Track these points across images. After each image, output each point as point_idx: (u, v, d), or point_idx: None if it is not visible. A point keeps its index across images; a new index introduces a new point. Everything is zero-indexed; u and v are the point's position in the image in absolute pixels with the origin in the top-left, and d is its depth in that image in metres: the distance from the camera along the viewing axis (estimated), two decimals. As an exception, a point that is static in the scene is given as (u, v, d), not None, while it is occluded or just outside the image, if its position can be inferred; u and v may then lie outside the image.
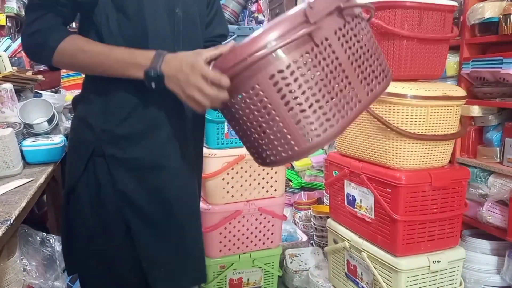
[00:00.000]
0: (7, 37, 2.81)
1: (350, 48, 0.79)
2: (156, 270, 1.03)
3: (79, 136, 1.02)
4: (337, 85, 0.77)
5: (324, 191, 2.67)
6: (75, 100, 1.06)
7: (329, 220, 1.95)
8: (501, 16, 1.63)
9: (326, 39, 0.76)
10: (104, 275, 1.03)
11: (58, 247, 1.53)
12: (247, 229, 1.96)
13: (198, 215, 1.14)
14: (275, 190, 1.98)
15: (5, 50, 2.51)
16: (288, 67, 0.74)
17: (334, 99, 0.77)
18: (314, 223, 2.48)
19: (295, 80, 0.74)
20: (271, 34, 0.73)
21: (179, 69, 0.82)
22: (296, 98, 0.75)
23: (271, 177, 1.96)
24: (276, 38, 0.73)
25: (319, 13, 0.74)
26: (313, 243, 2.50)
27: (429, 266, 1.57)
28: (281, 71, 0.74)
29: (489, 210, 1.73)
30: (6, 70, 1.96)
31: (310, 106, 0.75)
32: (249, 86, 0.76)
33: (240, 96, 0.78)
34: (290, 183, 2.95)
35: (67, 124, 2.03)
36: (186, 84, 0.81)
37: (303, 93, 0.75)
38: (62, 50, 0.89)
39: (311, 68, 0.75)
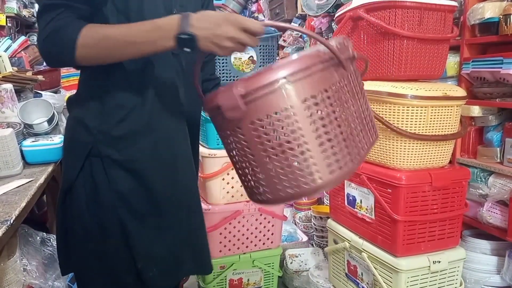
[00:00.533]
0: (7, 37, 2.82)
1: (359, 98, 0.80)
2: (151, 270, 1.03)
3: (75, 137, 1.01)
4: (348, 130, 0.74)
5: (324, 191, 2.67)
6: (71, 100, 1.05)
7: (329, 220, 1.95)
8: (501, 16, 1.63)
9: (345, 81, 0.76)
10: (100, 274, 1.02)
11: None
12: (247, 229, 1.96)
13: (199, 212, 1.15)
14: (275, 190, 1.98)
15: (5, 50, 2.51)
16: (307, 100, 0.71)
17: (343, 143, 0.74)
18: (314, 224, 2.48)
19: (312, 115, 0.71)
20: (301, 63, 0.71)
21: (214, 24, 0.79)
22: (316, 131, 0.71)
23: (271, 177, 1.96)
24: (300, 68, 0.71)
25: (344, 54, 0.75)
26: (313, 244, 2.50)
27: (429, 266, 1.57)
28: (305, 100, 0.71)
29: (489, 210, 1.73)
30: (6, 70, 1.96)
31: (321, 144, 0.72)
32: (266, 113, 0.71)
33: (254, 123, 0.73)
34: (290, 183, 2.94)
35: (67, 124, 2.03)
36: (227, 37, 0.79)
37: (317, 129, 0.71)
38: (83, 43, 0.84)
39: (330, 104, 0.73)
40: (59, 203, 1.03)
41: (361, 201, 1.70)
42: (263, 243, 2.02)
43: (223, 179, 1.88)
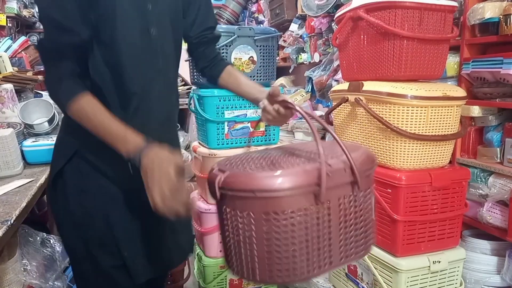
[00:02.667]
0: (7, 38, 2.82)
1: (345, 216, 0.82)
2: (136, 259, 1.07)
3: (64, 138, 1.08)
4: (318, 243, 0.80)
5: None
6: None
7: (329, 220, 1.95)
8: (501, 17, 1.63)
9: (328, 202, 0.80)
10: (87, 259, 1.06)
11: (58, 247, 1.53)
12: (247, 230, 1.95)
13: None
14: (275, 190, 1.98)
15: (6, 51, 2.51)
16: (285, 212, 0.77)
17: (309, 254, 0.80)
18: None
19: (285, 226, 0.78)
20: (284, 180, 0.77)
21: (152, 162, 0.88)
22: (277, 240, 0.78)
23: (271, 177, 1.96)
24: (288, 187, 0.77)
25: (333, 181, 0.78)
26: (313, 244, 2.50)
27: (429, 267, 1.57)
28: (276, 213, 0.77)
29: (489, 211, 1.73)
30: (6, 71, 1.96)
31: (285, 251, 0.79)
32: (242, 209, 0.79)
33: (228, 210, 0.81)
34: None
35: (67, 124, 2.03)
36: (152, 178, 0.87)
37: (286, 239, 0.79)
38: (72, 111, 0.95)
39: (302, 222, 0.78)
40: (49, 192, 1.10)
41: (361, 201, 1.70)
42: (263, 243, 2.01)
43: (223, 179, 1.88)
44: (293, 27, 3.37)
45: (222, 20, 4.25)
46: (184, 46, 1.19)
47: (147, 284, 1.12)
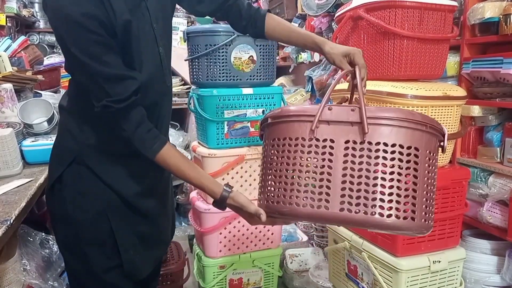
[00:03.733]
0: (7, 37, 2.81)
1: (352, 162, 0.82)
2: (134, 258, 1.10)
3: (62, 143, 1.08)
4: (314, 178, 0.84)
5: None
6: (61, 107, 1.10)
7: (329, 220, 1.95)
8: (501, 16, 1.63)
9: (331, 141, 0.84)
10: (82, 260, 1.07)
11: (57, 247, 1.53)
12: (247, 229, 1.96)
13: (171, 206, 1.29)
14: (275, 190, 1.98)
15: (5, 50, 2.50)
16: (282, 139, 0.88)
17: (302, 185, 0.85)
18: (314, 223, 2.48)
19: (283, 151, 0.87)
20: (288, 109, 0.89)
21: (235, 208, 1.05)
22: (276, 164, 0.90)
23: (271, 177, 1.96)
24: (287, 114, 0.88)
25: (335, 116, 0.85)
26: (313, 243, 2.50)
27: (429, 266, 1.56)
28: (277, 139, 0.89)
29: (489, 210, 1.73)
30: (6, 70, 1.96)
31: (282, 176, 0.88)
32: (264, 138, 0.94)
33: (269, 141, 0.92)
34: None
35: (67, 124, 2.03)
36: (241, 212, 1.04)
37: (281, 164, 0.88)
38: (157, 161, 1.01)
39: (298, 151, 0.86)
40: (48, 194, 1.10)
41: (361, 201, 1.69)
42: (263, 243, 2.02)
43: (223, 178, 1.88)
44: (293, 26, 3.37)
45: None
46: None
47: (142, 283, 1.14)
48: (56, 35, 0.92)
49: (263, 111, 1.93)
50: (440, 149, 0.86)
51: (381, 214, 0.78)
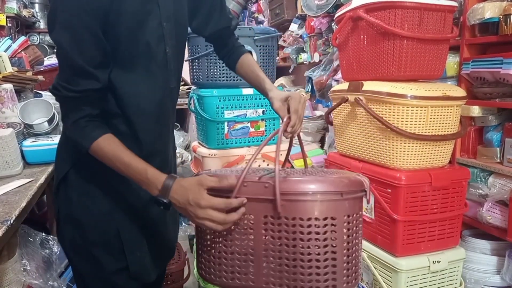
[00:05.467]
0: (7, 38, 2.81)
1: (272, 237, 0.83)
2: (140, 260, 1.08)
3: (66, 145, 1.07)
4: (239, 254, 0.86)
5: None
6: None
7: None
8: (501, 16, 1.63)
9: (250, 215, 0.85)
10: (89, 261, 1.06)
11: (57, 248, 1.53)
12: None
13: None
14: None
15: (5, 51, 2.51)
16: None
17: (229, 261, 0.89)
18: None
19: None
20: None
21: (186, 203, 0.88)
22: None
23: (271, 177, 1.96)
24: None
25: (250, 192, 0.84)
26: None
27: (429, 266, 1.57)
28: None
29: (489, 210, 1.73)
30: (6, 70, 1.96)
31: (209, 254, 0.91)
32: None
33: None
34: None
35: (67, 124, 2.03)
36: (197, 217, 0.87)
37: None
38: (93, 152, 0.95)
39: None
40: (55, 193, 1.09)
41: (361, 201, 1.69)
42: (263, 243, 2.01)
43: (223, 179, 1.88)
44: (293, 27, 3.37)
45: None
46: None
47: (149, 286, 1.13)
48: (51, 9, 0.91)
49: (263, 111, 1.94)
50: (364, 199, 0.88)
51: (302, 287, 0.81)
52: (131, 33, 0.94)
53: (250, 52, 1.26)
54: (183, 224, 3.28)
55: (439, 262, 1.58)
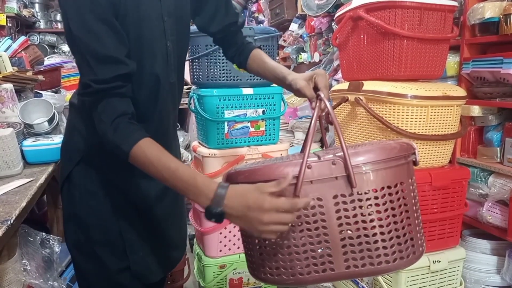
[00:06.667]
0: (7, 37, 2.81)
1: (346, 217, 0.77)
2: (143, 260, 1.08)
3: (70, 142, 1.07)
4: (311, 243, 0.78)
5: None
6: (71, 103, 1.09)
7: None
8: (501, 16, 1.63)
9: (320, 199, 0.77)
10: (94, 260, 1.06)
11: (57, 247, 1.53)
12: (247, 229, 1.95)
13: (181, 199, 1.23)
14: (275, 190, 1.98)
15: (6, 50, 2.50)
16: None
17: (300, 254, 0.79)
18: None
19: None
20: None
21: (245, 209, 0.77)
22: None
23: (271, 177, 1.96)
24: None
25: (316, 174, 0.77)
26: (313, 243, 2.50)
27: (429, 266, 1.57)
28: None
29: (489, 210, 1.73)
30: (6, 70, 1.95)
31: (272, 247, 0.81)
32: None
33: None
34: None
35: (67, 124, 2.03)
36: (261, 222, 0.77)
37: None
38: (134, 158, 0.87)
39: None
40: (61, 193, 1.10)
41: (361, 201, 1.70)
42: (263, 243, 2.01)
43: (223, 179, 1.88)
44: (293, 26, 3.37)
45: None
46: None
47: (149, 286, 1.13)
48: (60, 4, 0.89)
49: (263, 111, 1.93)
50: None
51: (387, 262, 0.76)
52: (134, 26, 0.94)
53: (260, 48, 1.22)
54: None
55: (439, 261, 1.58)
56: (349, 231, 0.77)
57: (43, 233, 1.52)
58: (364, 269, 0.77)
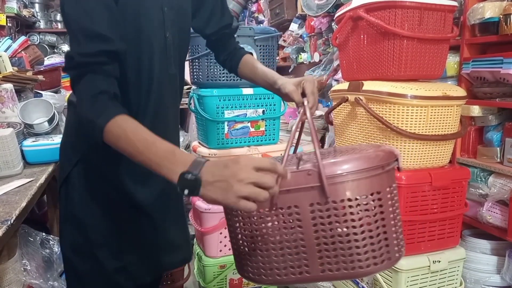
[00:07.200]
0: (7, 37, 2.81)
1: (322, 224, 0.79)
2: (139, 265, 1.09)
3: (69, 141, 1.07)
4: (287, 248, 0.81)
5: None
6: (70, 102, 1.09)
7: (329, 220, 1.95)
8: (501, 16, 1.63)
9: (296, 207, 0.80)
10: (89, 257, 1.06)
11: (57, 247, 1.53)
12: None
13: (180, 199, 1.24)
14: (275, 190, 1.98)
15: (6, 50, 2.50)
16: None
17: (278, 257, 0.83)
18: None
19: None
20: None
21: (222, 168, 0.71)
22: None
23: (271, 177, 1.96)
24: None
25: (294, 183, 0.78)
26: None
27: (429, 266, 1.57)
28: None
29: (489, 210, 1.73)
30: (6, 70, 1.96)
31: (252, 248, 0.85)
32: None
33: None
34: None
35: (67, 124, 2.03)
36: (238, 182, 0.69)
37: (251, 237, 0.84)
38: (108, 133, 0.82)
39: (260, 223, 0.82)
40: (59, 195, 1.10)
41: (361, 201, 1.69)
42: (263, 243, 2.01)
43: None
44: (293, 26, 3.37)
45: (222, 19, 4.25)
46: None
47: (143, 285, 1.13)
48: None
49: (263, 111, 1.94)
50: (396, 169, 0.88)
51: (360, 267, 0.79)
52: (134, 14, 0.94)
53: (251, 53, 1.25)
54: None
55: (439, 262, 1.58)
56: (324, 238, 0.79)
57: (43, 233, 1.52)
58: (339, 273, 0.80)
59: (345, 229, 0.78)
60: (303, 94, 0.99)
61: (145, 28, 0.97)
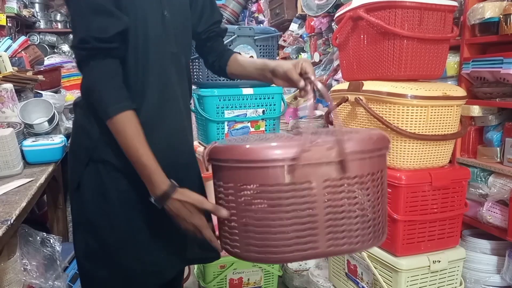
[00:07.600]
0: (7, 37, 2.81)
1: (333, 200, 0.81)
2: (156, 263, 1.07)
3: (78, 142, 1.06)
4: (298, 223, 0.82)
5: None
6: (75, 104, 1.09)
7: (329, 220, 1.95)
8: (501, 16, 1.63)
9: (309, 182, 0.80)
10: (108, 264, 1.05)
11: (58, 247, 1.53)
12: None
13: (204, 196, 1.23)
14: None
15: (6, 50, 2.51)
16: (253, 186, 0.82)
17: (286, 233, 0.82)
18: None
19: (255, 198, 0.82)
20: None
21: (176, 213, 0.95)
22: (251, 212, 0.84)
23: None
24: (257, 158, 0.81)
25: (313, 158, 0.80)
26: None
27: (429, 266, 1.57)
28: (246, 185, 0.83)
29: (489, 210, 1.73)
30: (6, 70, 1.96)
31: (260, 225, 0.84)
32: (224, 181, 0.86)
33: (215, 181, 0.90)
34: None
35: (67, 124, 2.04)
36: (184, 226, 0.97)
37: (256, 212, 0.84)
38: (114, 123, 0.92)
39: (275, 198, 0.82)
40: (71, 201, 1.09)
41: (361, 201, 1.69)
42: (263, 243, 2.01)
43: (223, 179, 1.88)
44: (293, 26, 3.37)
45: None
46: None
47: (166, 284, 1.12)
48: None
49: (263, 111, 1.94)
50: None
51: (363, 241, 0.83)
52: None
53: (239, 53, 1.24)
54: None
55: (439, 261, 1.58)
56: (333, 213, 0.81)
57: (43, 233, 1.52)
58: (343, 248, 0.83)
59: (354, 206, 0.82)
60: (301, 75, 0.97)
61: (139, 2, 0.97)
